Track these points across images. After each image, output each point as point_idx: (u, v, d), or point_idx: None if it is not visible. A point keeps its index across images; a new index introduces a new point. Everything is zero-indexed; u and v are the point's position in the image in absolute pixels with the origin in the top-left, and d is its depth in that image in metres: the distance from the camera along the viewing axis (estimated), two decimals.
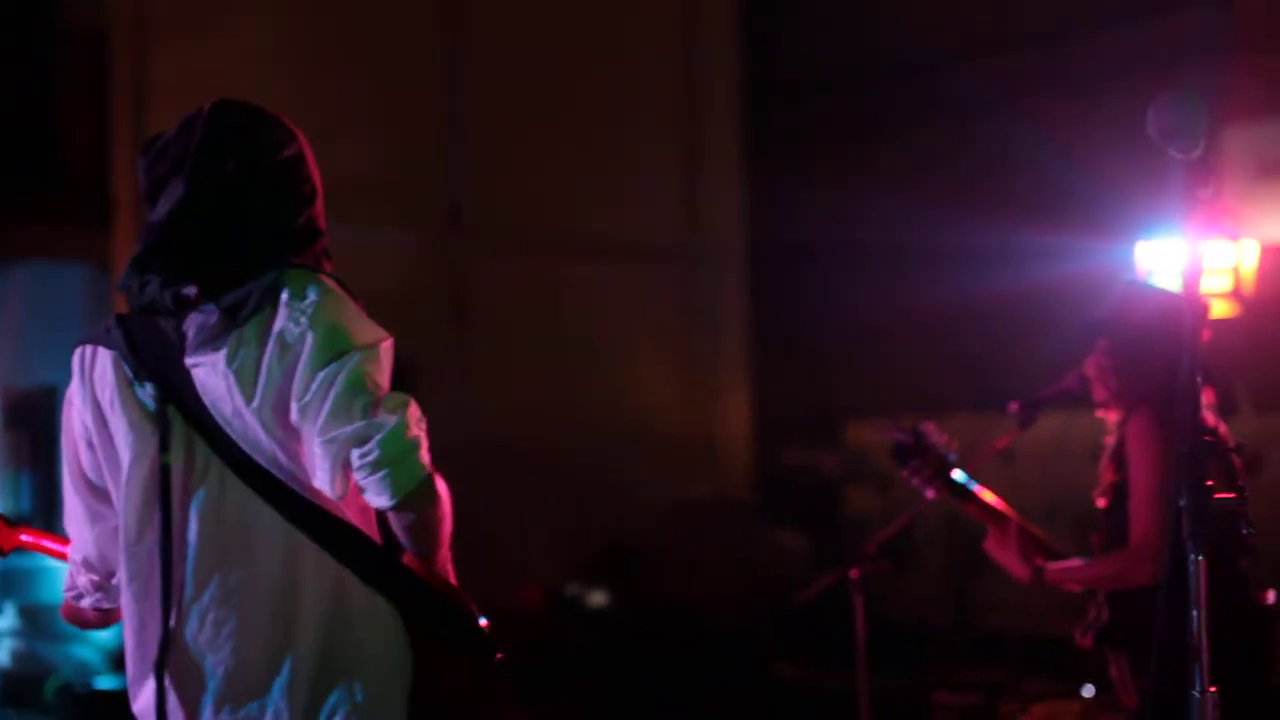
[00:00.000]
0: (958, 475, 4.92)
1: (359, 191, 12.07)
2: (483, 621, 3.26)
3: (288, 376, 3.09)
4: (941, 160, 18.34)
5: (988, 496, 4.91)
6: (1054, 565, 4.81)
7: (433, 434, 3.29)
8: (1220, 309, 7.54)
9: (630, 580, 12.38)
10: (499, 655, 3.25)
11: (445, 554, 3.24)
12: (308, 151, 3.43)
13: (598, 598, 11.51)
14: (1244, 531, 4.48)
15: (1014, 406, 4.90)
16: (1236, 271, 7.20)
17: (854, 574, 4.74)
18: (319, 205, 3.41)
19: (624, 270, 13.85)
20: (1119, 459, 4.73)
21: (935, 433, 4.95)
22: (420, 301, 12.68)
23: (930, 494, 4.92)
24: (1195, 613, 2.53)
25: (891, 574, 5.19)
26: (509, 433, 12.65)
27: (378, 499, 3.04)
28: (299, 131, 3.43)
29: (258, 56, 11.67)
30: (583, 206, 13.51)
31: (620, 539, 12.68)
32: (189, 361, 3.13)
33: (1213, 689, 2.50)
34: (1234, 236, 7.16)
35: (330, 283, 3.23)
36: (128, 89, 11.93)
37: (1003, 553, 4.83)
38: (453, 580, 3.28)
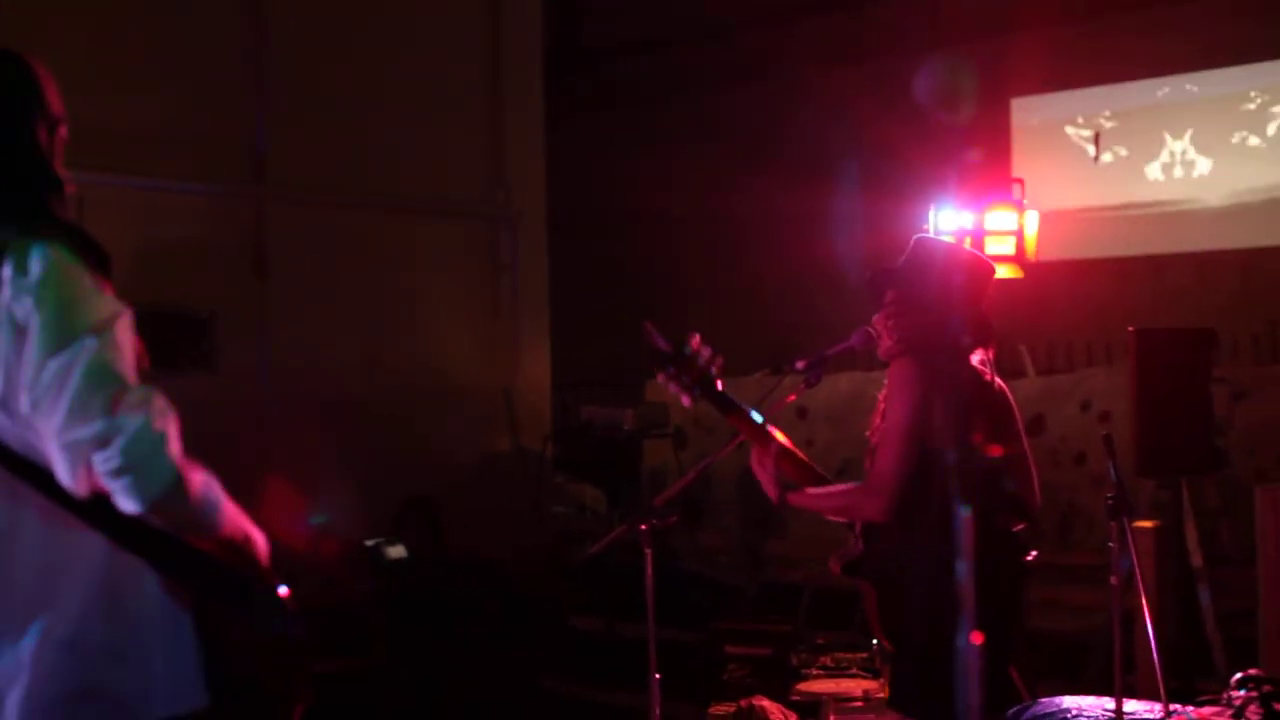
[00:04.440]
0: (721, 389, 4.98)
1: (158, 144, 11.90)
2: (283, 590, 3.12)
3: (20, 359, 2.85)
4: (741, 125, 18.58)
5: (757, 418, 4.97)
6: (808, 490, 4.92)
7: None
8: (1004, 273, 7.77)
9: (429, 533, 12.39)
10: (296, 623, 3.12)
11: (228, 530, 3.07)
12: (50, 91, 3.14)
13: (396, 550, 11.49)
14: (1007, 488, 4.68)
15: (800, 364, 4.99)
16: (1020, 237, 7.40)
17: (643, 527, 4.81)
18: (57, 150, 3.14)
19: (427, 226, 13.84)
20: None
21: (698, 345, 5.00)
22: (221, 255, 12.55)
23: (686, 401, 4.98)
24: (961, 565, 2.51)
25: (681, 527, 5.29)
26: (310, 386, 12.58)
27: (125, 505, 2.81)
28: (40, 68, 3.14)
29: (53, 6, 11.40)
30: (386, 162, 13.45)
31: (420, 491, 12.69)
32: None
33: (978, 639, 2.50)
34: (1018, 202, 7.35)
35: (56, 253, 2.91)
36: None
37: (761, 472, 4.91)
38: (256, 544, 3.16)
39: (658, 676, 4.98)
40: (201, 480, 2.96)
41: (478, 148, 14.37)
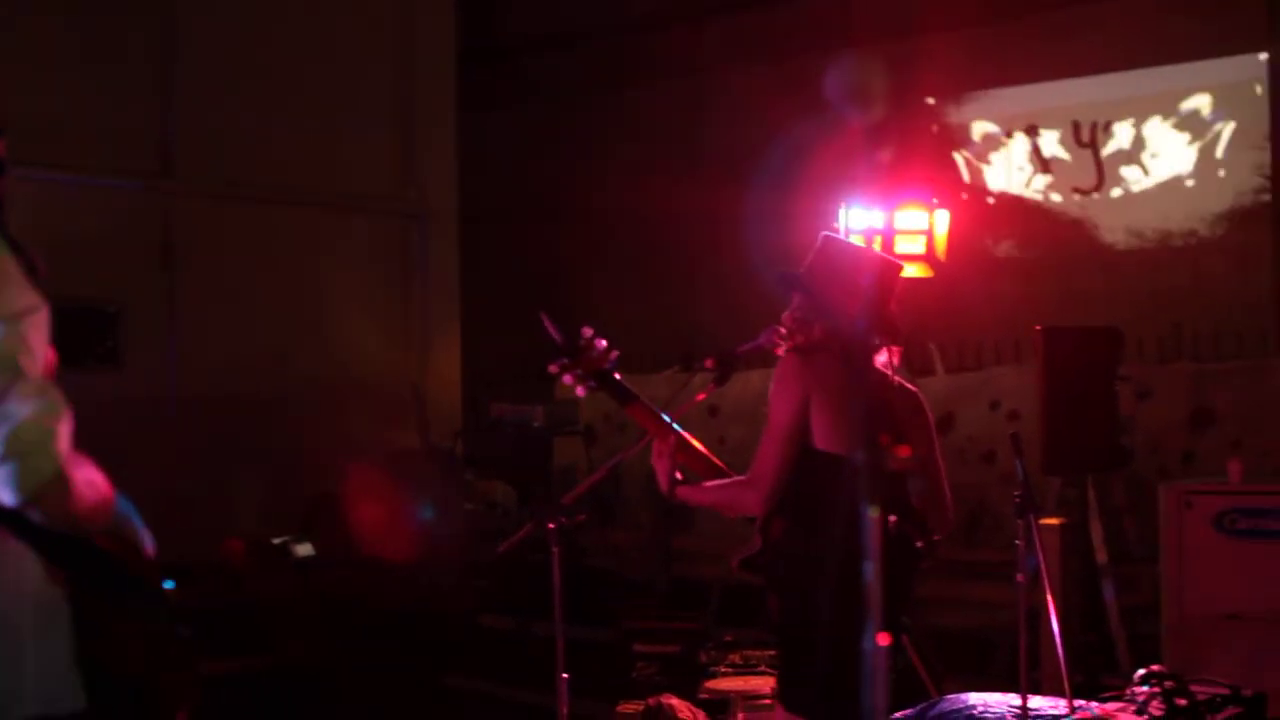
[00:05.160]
0: (618, 379, 4.98)
1: (65, 137, 11.76)
2: (168, 586, 3.08)
3: None
4: (656, 122, 18.56)
5: (662, 415, 4.96)
6: (702, 485, 4.92)
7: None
8: (914, 272, 7.81)
9: (337, 531, 12.32)
10: (183, 622, 3.05)
11: (110, 527, 3.00)
12: None
13: (304, 549, 11.41)
14: (906, 491, 4.70)
15: (709, 362, 4.99)
16: (930, 236, 7.43)
17: (551, 526, 4.79)
18: None
19: (337, 223, 13.77)
20: None
21: (594, 337, 5.00)
22: (128, 250, 12.43)
23: (581, 392, 4.98)
24: (868, 565, 2.44)
25: (591, 524, 5.27)
26: (217, 382, 12.49)
27: (2, 494, 2.76)
28: None
29: None
30: (296, 159, 13.37)
31: (328, 489, 12.61)
32: None
33: (885, 639, 2.45)
34: (928, 201, 7.38)
35: None
36: None
37: (658, 463, 4.91)
38: (142, 541, 3.09)
39: (565, 676, 4.96)
40: (86, 479, 2.90)
41: (389, 145, 14.30)
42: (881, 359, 4.85)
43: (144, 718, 3.09)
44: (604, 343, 5.02)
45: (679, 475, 4.87)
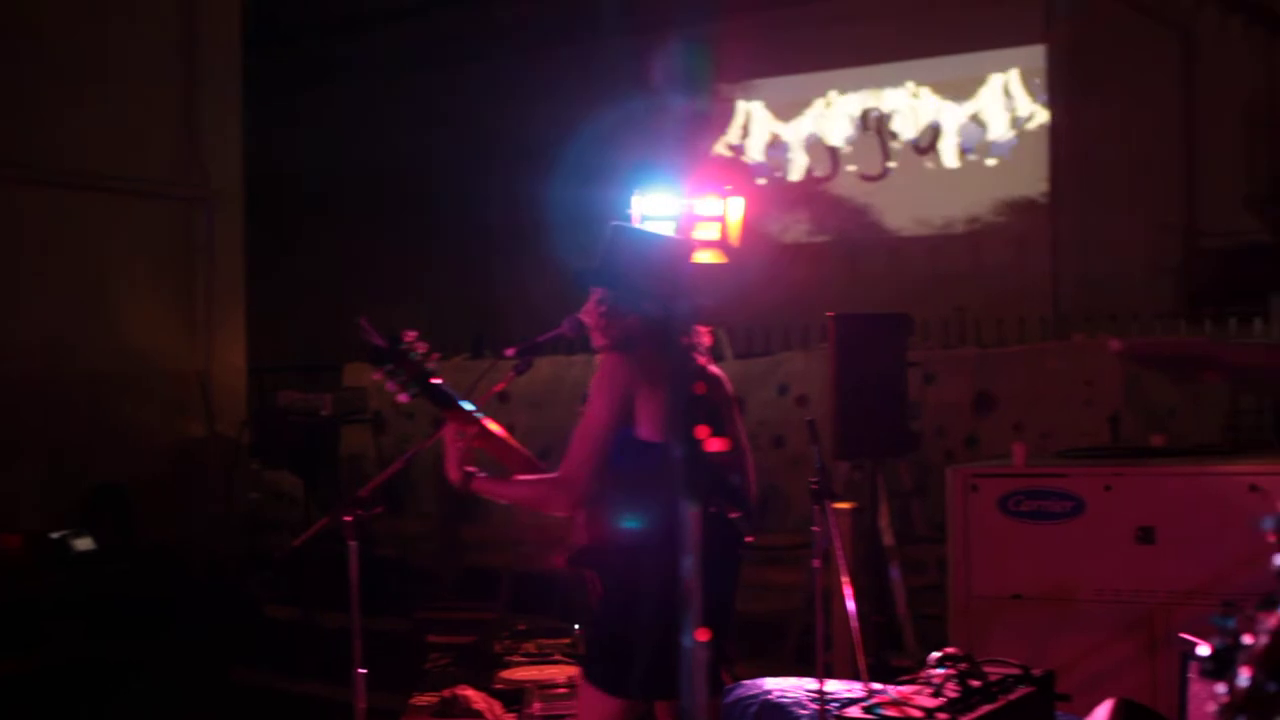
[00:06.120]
0: (437, 383, 4.88)
1: None
2: None
3: None
4: (452, 106, 18.44)
5: (472, 411, 4.88)
6: (515, 477, 4.85)
7: None
8: (708, 258, 7.83)
9: (120, 522, 12.04)
10: None
11: None
12: None
13: (85, 542, 11.11)
14: (730, 482, 4.70)
15: (510, 351, 4.92)
16: (724, 222, 7.46)
17: (347, 519, 4.70)
18: None
19: (117, 206, 13.42)
20: None
21: (415, 342, 4.90)
22: None
23: (403, 398, 4.87)
24: (688, 560, 2.40)
25: (386, 517, 5.19)
26: None
27: None
28: None
29: None
30: (75, 140, 13.02)
31: (110, 480, 12.32)
32: None
33: (704, 636, 2.40)
34: (722, 188, 7.41)
35: None
36: None
37: (451, 448, 4.79)
38: None
39: (362, 671, 4.87)
40: None
41: (173, 127, 13.97)
42: (693, 344, 4.84)
43: None
44: (425, 346, 4.91)
45: (472, 469, 4.79)
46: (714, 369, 4.96)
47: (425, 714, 6.99)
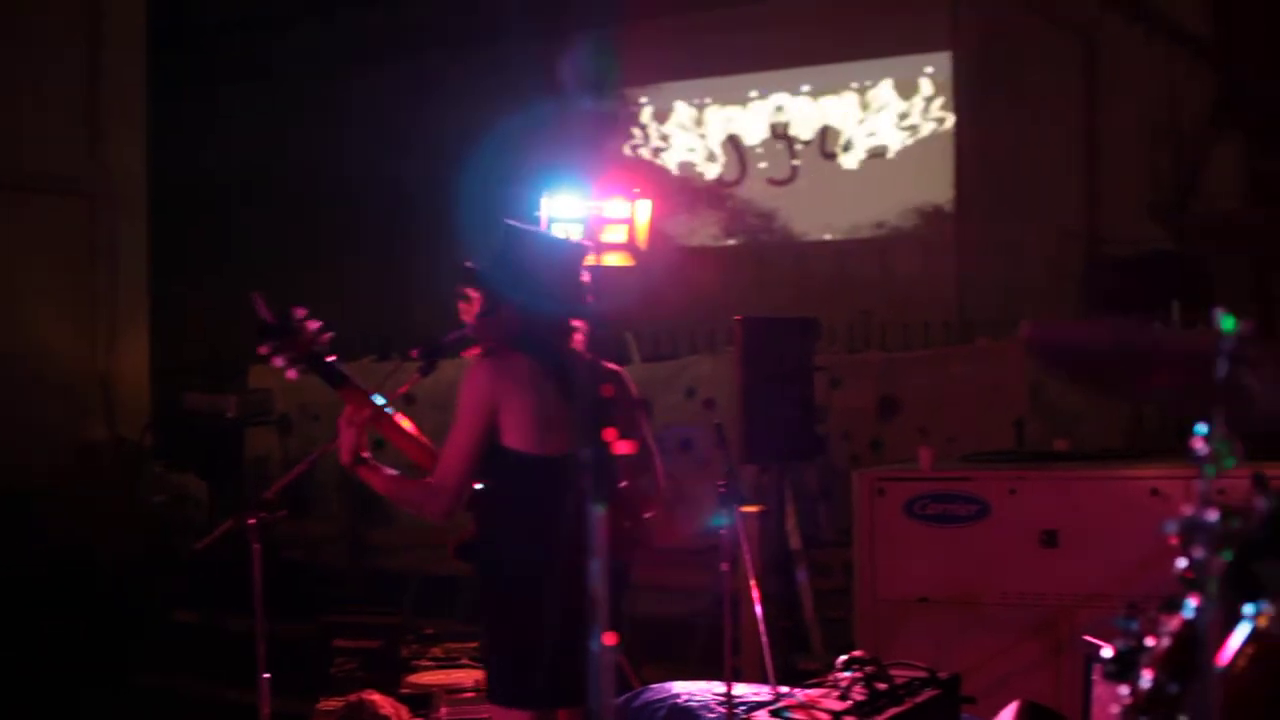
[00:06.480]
0: (330, 361, 4.86)
1: None
2: None
3: None
4: (362, 107, 18.33)
5: (378, 399, 4.84)
6: (389, 471, 4.82)
7: None
8: (616, 261, 7.82)
9: (21, 526, 11.87)
10: None
11: None
12: None
13: None
14: (629, 483, 4.70)
15: (415, 352, 4.91)
16: (632, 225, 7.45)
17: (252, 521, 4.66)
18: None
19: (17, 204, 13.20)
20: None
21: (306, 320, 4.86)
22: None
23: (292, 375, 4.84)
24: (594, 563, 2.38)
25: (290, 519, 5.14)
26: None
27: None
28: None
29: None
30: None
31: (11, 483, 12.15)
32: None
33: (612, 639, 2.37)
34: (629, 192, 7.41)
35: None
36: None
37: (346, 430, 4.76)
38: None
39: (266, 676, 4.82)
40: None
41: (75, 125, 13.76)
42: (582, 342, 4.83)
43: None
44: (317, 324, 4.87)
45: (365, 454, 4.75)
46: (606, 363, 4.96)
47: (331, 719, 6.94)
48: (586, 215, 7.13)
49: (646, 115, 17.47)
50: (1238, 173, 15.22)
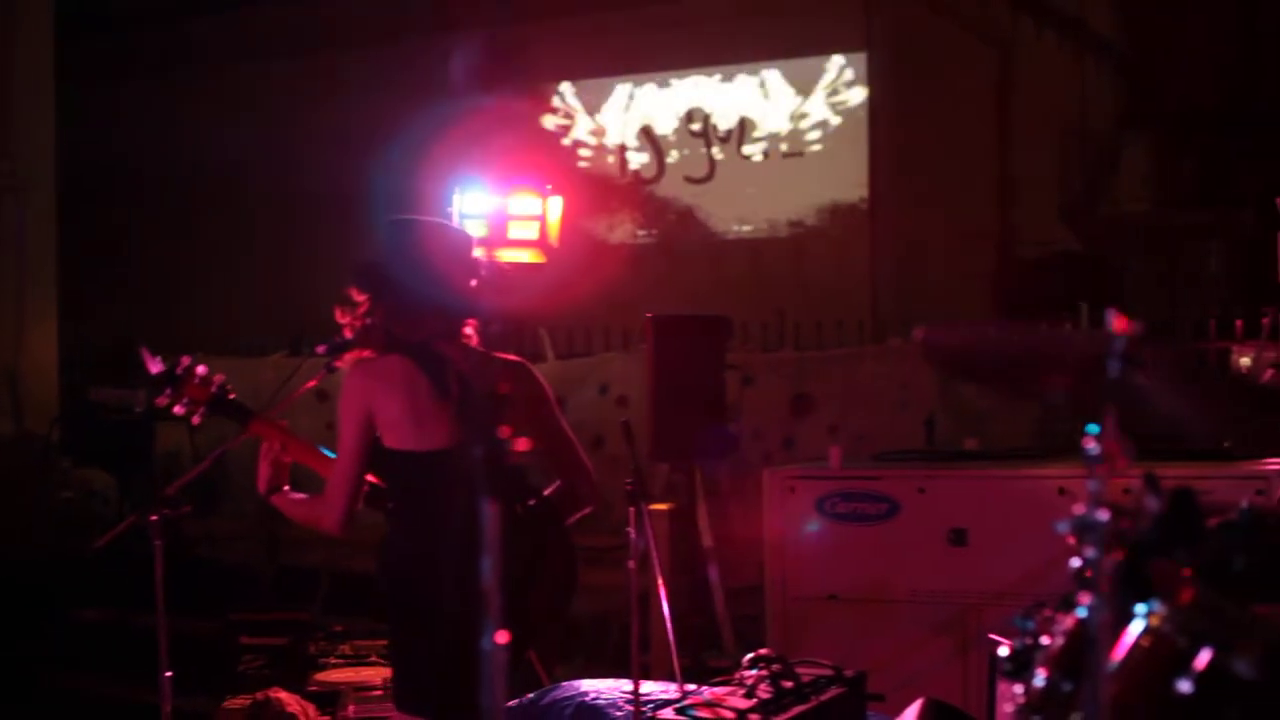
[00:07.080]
0: (232, 400, 4.89)
1: None
2: None
3: None
4: (274, 99, 18.18)
5: (275, 421, 4.92)
6: (288, 495, 4.86)
7: None
8: (526, 258, 7.82)
9: None
10: None
11: None
12: None
13: None
14: (526, 477, 4.72)
15: (321, 349, 4.90)
16: (543, 222, 7.46)
17: (154, 518, 4.62)
18: None
19: None
20: None
21: (196, 364, 4.92)
22: None
23: (196, 420, 4.87)
24: (487, 561, 2.31)
25: (195, 513, 5.11)
26: None
27: None
28: None
29: None
30: None
31: None
32: None
33: (505, 638, 2.31)
34: (541, 188, 7.41)
35: None
36: None
37: (262, 463, 4.82)
38: None
39: (169, 674, 4.78)
40: None
41: None
42: (470, 337, 4.82)
43: None
44: (204, 369, 4.88)
45: (285, 486, 4.79)
46: (505, 356, 4.94)
47: (237, 717, 6.89)
48: (495, 211, 7.13)
49: (562, 111, 17.44)
50: (1147, 175, 15.39)
